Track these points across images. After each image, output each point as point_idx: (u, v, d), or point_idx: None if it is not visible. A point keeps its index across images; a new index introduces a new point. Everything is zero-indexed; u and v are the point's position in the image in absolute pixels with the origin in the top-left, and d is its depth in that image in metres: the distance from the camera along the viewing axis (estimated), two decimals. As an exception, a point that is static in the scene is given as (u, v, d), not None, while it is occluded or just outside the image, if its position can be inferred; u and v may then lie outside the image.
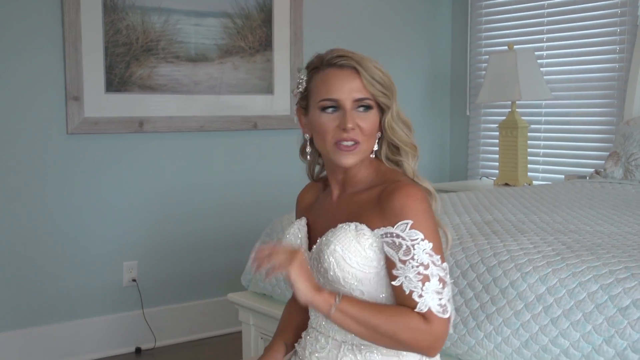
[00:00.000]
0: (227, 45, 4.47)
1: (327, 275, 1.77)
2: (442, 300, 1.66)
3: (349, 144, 1.76)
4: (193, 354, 4.24)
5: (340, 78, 1.76)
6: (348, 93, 1.75)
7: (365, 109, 1.77)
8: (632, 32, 4.47)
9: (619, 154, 4.05)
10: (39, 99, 3.95)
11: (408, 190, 1.71)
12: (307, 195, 2.05)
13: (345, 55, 1.77)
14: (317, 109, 1.78)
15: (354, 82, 1.76)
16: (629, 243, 2.27)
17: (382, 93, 1.78)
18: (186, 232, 4.44)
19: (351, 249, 1.72)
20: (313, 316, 1.89)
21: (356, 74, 1.76)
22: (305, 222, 1.97)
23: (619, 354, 1.86)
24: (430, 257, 1.66)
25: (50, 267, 4.04)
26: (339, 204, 1.86)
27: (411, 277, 1.66)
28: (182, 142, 4.39)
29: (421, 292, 1.65)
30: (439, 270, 1.67)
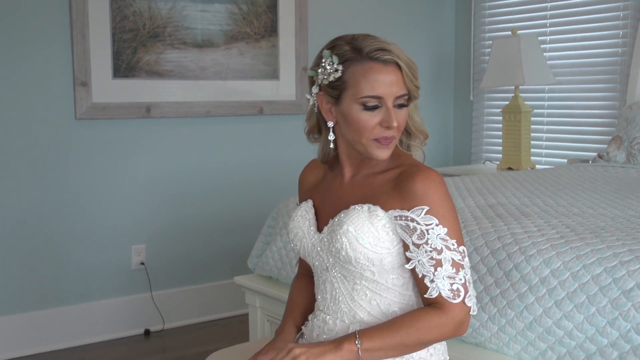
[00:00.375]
0: (232, 31, 4.45)
1: (338, 256, 1.76)
2: (454, 284, 1.66)
3: (388, 140, 1.75)
4: (201, 336, 4.24)
5: (385, 74, 1.71)
6: (391, 89, 1.71)
7: (402, 106, 1.75)
8: (635, 16, 4.45)
9: (621, 138, 4.03)
10: (47, 85, 3.95)
11: (429, 174, 1.72)
12: (310, 174, 2.03)
13: (385, 48, 1.71)
14: (357, 104, 1.72)
15: (396, 78, 1.72)
16: (633, 226, 2.25)
17: (416, 87, 1.76)
18: (193, 216, 4.44)
19: (364, 229, 1.72)
20: (320, 298, 1.88)
21: (398, 70, 1.72)
22: (312, 204, 1.95)
23: (622, 336, 1.85)
24: (444, 241, 1.67)
25: (59, 251, 4.05)
26: (352, 186, 1.85)
27: (424, 261, 1.67)
28: (189, 127, 4.39)
29: (433, 277, 1.67)
30: (453, 254, 1.67)
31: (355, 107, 1.73)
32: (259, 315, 3.08)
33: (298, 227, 1.91)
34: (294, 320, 1.99)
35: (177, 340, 4.19)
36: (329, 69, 1.74)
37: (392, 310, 1.77)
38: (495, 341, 2.11)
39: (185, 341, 4.17)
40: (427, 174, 1.71)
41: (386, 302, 1.77)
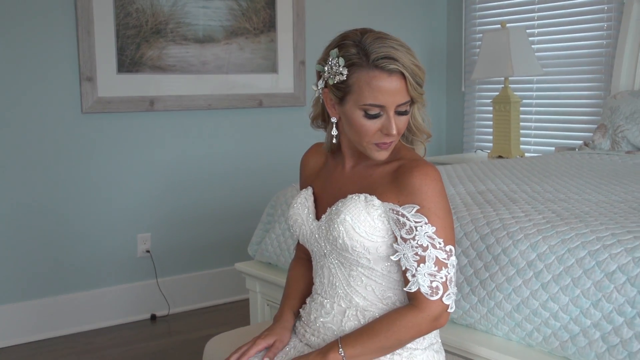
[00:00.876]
0: (232, 26, 4.44)
1: (335, 243, 1.76)
2: (434, 282, 1.65)
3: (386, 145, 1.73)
4: (204, 320, 4.25)
5: (388, 84, 1.66)
6: (393, 99, 1.68)
7: (403, 113, 1.72)
8: (619, 9, 4.45)
9: (606, 127, 4.03)
10: (54, 81, 3.94)
11: (426, 169, 1.70)
12: (312, 158, 2.01)
13: (392, 56, 1.66)
14: (359, 109, 1.69)
15: (400, 89, 1.68)
16: (616, 211, 2.25)
17: (419, 94, 1.72)
18: (196, 206, 4.45)
19: (360, 218, 1.71)
20: (318, 282, 1.88)
21: (402, 79, 1.68)
22: (312, 192, 1.94)
23: (605, 317, 1.85)
24: (431, 240, 1.66)
25: (68, 240, 4.05)
26: (352, 176, 1.84)
27: (409, 256, 1.67)
28: (191, 119, 4.38)
29: (415, 272, 1.66)
30: (438, 253, 1.66)
31: (357, 112, 1.70)
32: (259, 300, 3.08)
33: (297, 214, 1.90)
34: (291, 307, 1.98)
35: (181, 325, 4.20)
36: (335, 70, 1.70)
37: (386, 295, 1.76)
38: (485, 323, 2.12)
39: (190, 325, 4.18)
40: (425, 170, 1.70)
41: (381, 288, 1.77)
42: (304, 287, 2.01)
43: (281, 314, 1.97)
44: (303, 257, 2.06)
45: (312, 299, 1.90)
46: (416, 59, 1.70)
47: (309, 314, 1.88)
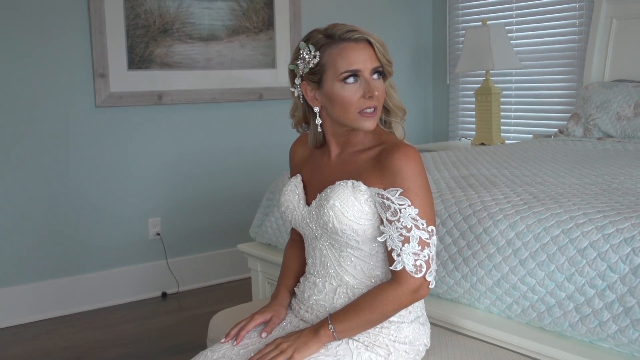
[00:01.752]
0: (234, 25, 4.42)
1: (326, 227, 1.75)
2: (417, 261, 1.64)
3: (371, 111, 1.71)
4: (211, 297, 4.26)
5: (358, 50, 1.69)
6: (365, 63, 1.69)
7: (379, 75, 1.72)
8: (589, 7, 4.45)
9: (579, 115, 4.02)
10: (70, 77, 3.93)
11: (407, 151, 1.67)
12: (299, 148, 2.00)
13: (354, 29, 1.70)
14: (338, 81, 1.69)
15: (369, 54, 1.70)
16: (588, 192, 2.25)
17: (387, 61, 1.74)
18: (202, 192, 4.44)
19: (349, 203, 1.69)
20: (310, 263, 1.87)
21: (369, 45, 1.70)
22: (301, 179, 1.92)
23: (578, 290, 1.86)
24: (415, 221, 1.64)
25: (84, 224, 4.05)
26: (338, 163, 1.81)
27: (394, 236, 1.65)
28: (197, 112, 4.37)
29: (400, 251, 1.65)
30: (421, 233, 1.65)
31: (337, 85, 1.69)
32: (260, 278, 3.09)
33: (289, 200, 1.89)
34: (287, 285, 1.98)
35: (190, 301, 4.20)
36: (308, 57, 1.72)
37: (374, 274, 1.76)
38: (468, 297, 2.12)
39: (197, 302, 4.19)
40: (405, 151, 1.67)
41: (369, 267, 1.76)
42: (298, 267, 2.01)
43: (277, 293, 1.96)
44: (297, 239, 2.06)
45: (305, 279, 1.90)
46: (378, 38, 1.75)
47: (303, 292, 1.88)
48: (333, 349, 1.69)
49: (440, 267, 2.17)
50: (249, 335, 1.82)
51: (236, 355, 1.74)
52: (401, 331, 1.74)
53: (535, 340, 1.90)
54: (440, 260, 2.17)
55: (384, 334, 1.73)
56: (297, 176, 1.94)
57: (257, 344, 1.78)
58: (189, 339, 3.59)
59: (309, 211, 1.82)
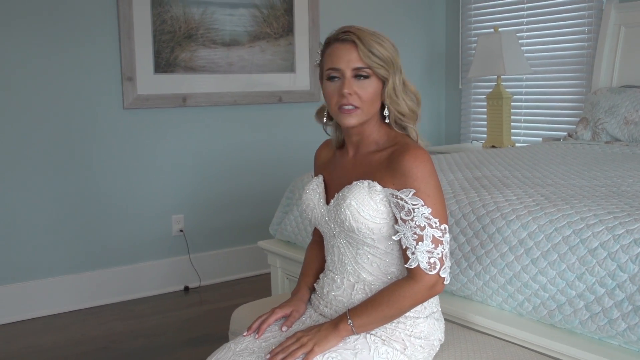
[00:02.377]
0: (255, 31, 4.42)
1: (343, 225, 1.75)
2: (431, 258, 1.64)
3: (349, 108, 1.71)
4: (231, 291, 4.26)
5: (341, 50, 1.70)
6: (347, 63, 1.69)
7: (362, 77, 1.70)
8: (598, 15, 4.41)
9: (587, 119, 3.99)
10: (99, 80, 3.95)
11: (416, 152, 1.67)
12: (323, 152, 1.99)
13: (348, 30, 1.69)
14: (325, 78, 1.74)
15: (352, 54, 1.69)
16: (597, 194, 2.23)
17: (378, 65, 1.70)
18: (224, 190, 4.44)
19: (364, 203, 1.69)
20: (329, 260, 1.87)
21: (355, 46, 1.69)
22: (322, 179, 1.92)
23: (588, 288, 1.84)
24: (428, 220, 1.64)
25: (111, 220, 4.07)
26: (355, 163, 1.81)
27: (408, 235, 1.65)
28: (219, 114, 4.37)
29: (414, 249, 1.64)
30: (434, 232, 1.64)
31: (325, 82, 1.75)
32: (280, 274, 3.08)
33: (310, 199, 1.89)
34: (307, 283, 1.97)
35: (211, 295, 4.21)
36: (318, 56, 1.80)
37: (390, 271, 1.76)
38: (480, 294, 2.11)
39: (218, 296, 4.19)
40: (415, 153, 1.67)
41: (385, 264, 1.76)
42: (318, 266, 2.00)
43: (298, 289, 1.96)
44: (318, 240, 2.05)
45: (324, 275, 1.89)
46: (378, 37, 1.72)
47: (322, 288, 1.88)
48: (351, 342, 1.68)
49: (454, 265, 2.16)
50: (270, 328, 1.82)
51: (258, 347, 1.74)
52: (417, 326, 1.74)
53: (546, 337, 1.88)
54: (454, 259, 2.16)
55: (400, 328, 1.72)
56: (319, 176, 1.94)
57: (278, 337, 1.77)
58: (209, 332, 3.59)
59: (327, 210, 1.82)
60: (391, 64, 1.72)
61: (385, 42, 1.72)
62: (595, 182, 2.47)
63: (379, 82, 1.73)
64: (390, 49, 1.72)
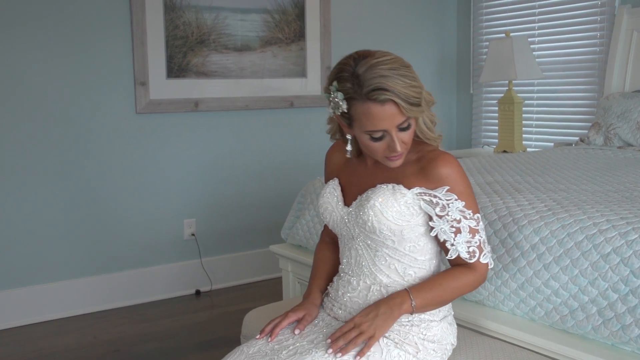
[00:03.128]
0: (267, 36, 4.43)
1: (365, 226, 1.76)
2: (470, 247, 1.72)
3: (397, 154, 1.70)
4: (242, 295, 4.26)
5: (383, 112, 1.61)
6: (391, 123, 1.63)
7: (406, 128, 1.67)
8: (610, 20, 4.39)
9: (600, 124, 3.98)
10: (112, 85, 3.96)
11: (448, 158, 1.73)
12: (335, 154, 1.98)
13: (382, 87, 1.59)
14: (364, 134, 1.67)
15: (395, 114, 1.62)
16: (610, 199, 2.22)
17: (418, 112, 1.66)
18: (235, 194, 4.45)
19: (388, 204, 1.72)
20: (345, 262, 1.87)
21: (395, 104, 1.61)
22: (338, 182, 1.93)
23: (601, 294, 1.83)
24: (462, 213, 1.72)
25: (123, 224, 4.08)
26: (375, 169, 1.82)
27: (446, 229, 1.72)
28: (231, 119, 4.38)
29: (453, 241, 1.73)
30: (470, 222, 1.72)
31: (364, 136, 1.68)
32: (291, 278, 3.08)
33: (327, 202, 1.89)
34: (318, 286, 1.97)
35: (222, 299, 4.21)
36: (336, 103, 1.66)
37: (408, 273, 1.77)
38: (492, 299, 2.10)
39: (230, 300, 4.20)
40: (447, 159, 1.73)
41: (403, 266, 1.77)
42: (330, 268, 2.00)
43: (309, 292, 1.96)
44: (328, 240, 2.06)
45: (339, 277, 1.90)
46: (408, 79, 1.62)
47: (336, 290, 1.88)
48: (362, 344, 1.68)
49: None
50: (283, 331, 1.82)
51: (271, 350, 1.74)
52: (430, 329, 1.74)
53: (559, 342, 1.88)
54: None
55: (414, 332, 1.73)
56: (334, 180, 1.94)
57: (291, 340, 1.77)
58: (221, 335, 3.60)
59: (347, 212, 1.83)
60: (420, 100, 1.66)
61: (414, 79, 1.64)
62: (607, 188, 2.46)
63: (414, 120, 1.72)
64: (415, 83, 1.64)
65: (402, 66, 1.64)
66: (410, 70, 1.65)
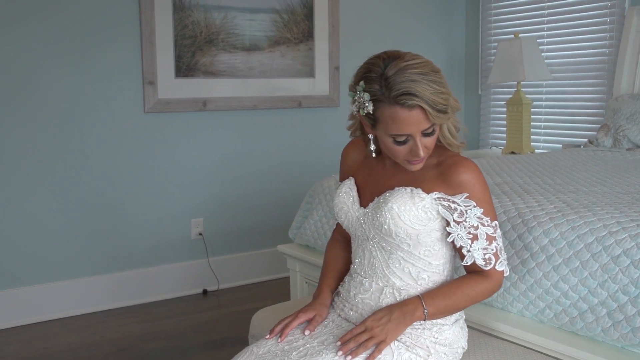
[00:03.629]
0: (275, 36, 4.43)
1: (381, 229, 1.75)
2: (486, 254, 1.71)
3: (418, 159, 1.70)
4: (249, 295, 4.26)
5: (410, 117, 1.60)
6: (417, 127, 1.62)
7: (430, 134, 1.66)
8: (620, 21, 4.38)
9: (609, 126, 3.96)
10: (121, 84, 3.97)
11: (469, 165, 1.73)
12: (352, 152, 1.96)
13: (410, 92, 1.57)
14: (388, 136, 1.66)
15: (421, 120, 1.61)
16: (620, 201, 2.21)
17: (443, 119, 1.65)
18: (243, 194, 4.45)
19: (406, 207, 1.71)
20: (358, 263, 1.86)
21: (422, 110, 1.60)
22: (354, 182, 1.91)
23: (611, 296, 1.82)
24: (480, 220, 1.70)
25: (130, 223, 4.09)
26: (394, 171, 1.81)
27: (463, 235, 1.70)
28: (239, 118, 4.39)
29: (469, 248, 1.71)
30: (487, 230, 1.71)
31: (387, 139, 1.67)
32: (299, 278, 3.08)
33: (343, 202, 1.88)
34: (329, 285, 1.96)
35: (230, 299, 4.21)
36: (362, 103, 1.64)
37: (421, 277, 1.76)
38: (501, 300, 2.10)
39: (237, 299, 4.20)
40: (468, 165, 1.72)
41: (417, 270, 1.76)
42: (341, 266, 1.99)
43: (320, 292, 1.95)
44: (340, 238, 2.05)
45: (351, 278, 1.88)
46: (437, 84, 1.61)
47: (348, 290, 1.87)
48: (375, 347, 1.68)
49: (474, 271, 2.15)
50: (293, 332, 1.81)
51: (280, 350, 1.74)
52: (442, 333, 1.74)
53: (568, 344, 1.87)
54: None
55: (426, 335, 1.72)
56: (350, 179, 1.92)
57: (301, 341, 1.77)
58: (228, 335, 3.60)
59: (364, 213, 1.81)
60: (446, 107, 1.64)
61: (442, 86, 1.63)
62: (617, 189, 2.45)
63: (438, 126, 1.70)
64: (447, 90, 1.64)
65: (431, 71, 1.62)
66: (439, 75, 1.63)
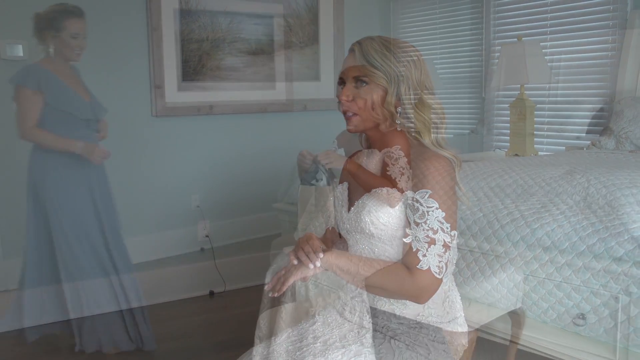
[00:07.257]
0: (281, 40, 4.44)
1: (364, 232, 1.75)
2: (441, 262, 1.61)
3: (349, 114, 1.72)
4: (255, 297, 4.24)
5: (347, 60, 1.71)
6: (347, 70, 1.69)
7: (360, 83, 1.68)
8: (622, 25, 4.37)
9: (611, 128, 3.96)
10: (129, 88, 3.99)
11: (437, 157, 1.66)
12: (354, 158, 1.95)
13: (359, 41, 1.68)
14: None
15: (353, 62, 1.69)
16: (623, 202, 2.21)
17: (371, 72, 1.66)
18: (249, 196, 4.46)
19: (383, 210, 1.69)
20: None
21: (356, 54, 1.69)
22: (347, 187, 1.91)
23: (613, 297, 1.82)
24: (441, 224, 1.61)
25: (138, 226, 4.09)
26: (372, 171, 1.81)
27: (420, 237, 1.62)
28: (246, 121, 4.40)
29: (425, 252, 1.61)
30: (445, 236, 1.61)
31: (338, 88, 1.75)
32: (304, 280, 3.07)
33: (333, 207, 1.90)
34: None
35: (236, 300, 4.21)
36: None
37: None
38: (504, 301, 2.09)
39: (243, 301, 4.20)
40: (436, 157, 1.66)
41: None
42: None
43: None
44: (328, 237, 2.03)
45: None
46: (386, 49, 1.66)
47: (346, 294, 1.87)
48: (376, 347, 1.68)
49: (478, 272, 2.15)
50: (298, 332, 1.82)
51: (285, 351, 1.74)
52: (439, 331, 1.73)
53: (570, 345, 1.87)
54: (478, 266, 2.15)
55: (423, 333, 1.72)
56: (344, 184, 1.92)
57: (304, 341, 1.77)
58: (234, 335, 3.60)
59: (348, 218, 1.81)
60: (387, 73, 1.67)
61: (388, 54, 1.67)
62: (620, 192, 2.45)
63: (380, 90, 1.69)
64: (391, 61, 1.66)
65: (396, 45, 1.68)
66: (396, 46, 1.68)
